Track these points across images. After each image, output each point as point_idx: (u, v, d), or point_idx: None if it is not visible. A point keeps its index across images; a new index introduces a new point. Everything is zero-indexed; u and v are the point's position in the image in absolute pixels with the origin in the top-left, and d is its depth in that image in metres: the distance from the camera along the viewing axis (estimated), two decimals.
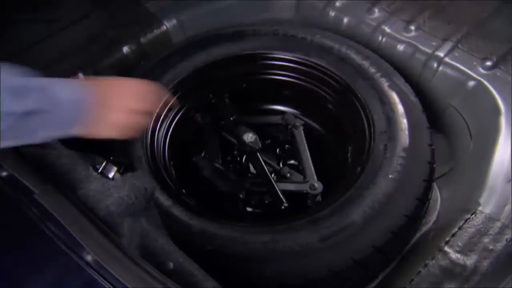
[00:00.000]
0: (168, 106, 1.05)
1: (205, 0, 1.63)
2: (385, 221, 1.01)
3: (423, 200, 1.08)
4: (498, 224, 1.04)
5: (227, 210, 1.25)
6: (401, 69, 1.34)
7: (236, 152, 1.35)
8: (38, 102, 0.72)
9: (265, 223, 1.03)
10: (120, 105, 0.83)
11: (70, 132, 0.78)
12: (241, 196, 1.22)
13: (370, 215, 0.99)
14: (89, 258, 0.70)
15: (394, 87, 1.23)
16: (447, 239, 1.04)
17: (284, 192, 1.16)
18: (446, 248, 1.03)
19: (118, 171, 0.86)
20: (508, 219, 1.05)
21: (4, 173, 0.80)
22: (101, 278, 0.68)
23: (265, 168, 1.21)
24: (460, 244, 1.03)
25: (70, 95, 0.77)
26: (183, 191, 1.18)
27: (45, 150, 0.87)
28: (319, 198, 1.18)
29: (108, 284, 0.68)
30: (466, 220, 1.07)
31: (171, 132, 1.28)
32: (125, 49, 1.47)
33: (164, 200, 1.02)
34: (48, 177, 0.81)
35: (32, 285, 0.81)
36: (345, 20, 1.53)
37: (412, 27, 1.42)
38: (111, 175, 0.85)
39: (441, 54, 1.34)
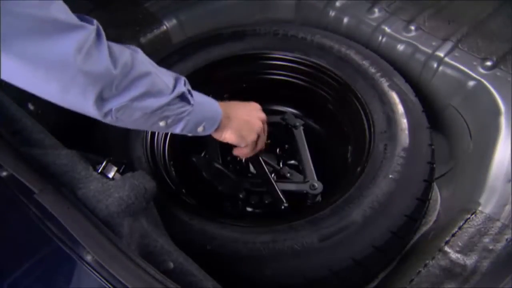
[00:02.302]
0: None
1: (205, 0, 1.63)
2: (385, 221, 1.00)
3: (423, 200, 1.08)
4: (498, 224, 1.04)
5: (227, 210, 1.25)
6: (401, 69, 1.34)
7: None
8: (187, 91, 0.85)
9: (265, 223, 1.03)
10: (238, 119, 1.01)
11: (200, 130, 0.91)
12: (241, 196, 1.22)
13: (370, 215, 0.99)
14: (89, 258, 0.70)
15: (394, 87, 1.23)
16: (447, 239, 1.04)
17: (284, 192, 1.16)
18: (446, 248, 1.03)
19: (118, 171, 0.86)
20: (508, 219, 1.05)
21: (4, 173, 0.80)
22: (101, 278, 0.68)
23: (265, 168, 1.21)
24: (460, 244, 1.03)
25: (205, 99, 0.92)
26: (183, 191, 1.18)
27: (45, 150, 0.87)
28: (319, 198, 1.18)
29: (108, 284, 0.68)
30: (466, 220, 1.06)
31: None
32: None
33: (164, 200, 1.02)
34: (48, 177, 0.81)
35: (32, 284, 0.81)
36: (345, 20, 1.53)
37: (412, 27, 1.42)
38: (111, 175, 0.85)
39: (441, 54, 1.34)
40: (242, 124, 1.02)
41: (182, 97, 0.85)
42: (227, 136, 1.01)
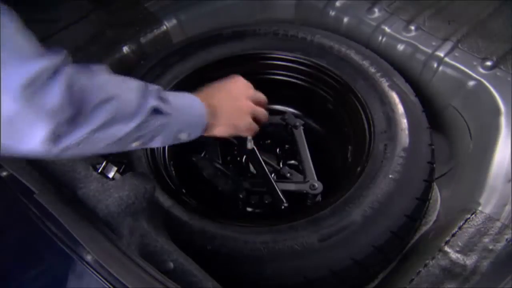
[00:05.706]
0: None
1: (205, 0, 1.63)
2: (385, 221, 1.00)
3: (423, 200, 1.08)
4: (498, 224, 1.04)
5: (227, 210, 1.25)
6: (401, 69, 1.34)
7: (236, 152, 1.35)
8: (161, 102, 0.77)
9: (265, 223, 1.03)
10: (225, 110, 0.93)
11: (184, 137, 0.86)
12: (241, 196, 1.22)
13: (370, 215, 0.99)
14: (89, 258, 0.70)
15: (394, 87, 1.23)
16: (447, 239, 1.04)
17: (284, 192, 1.16)
18: (446, 248, 1.03)
19: (118, 171, 0.86)
20: (508, 219, 1.05)
21: (4, 173, 0.80)
22: (101, 278, 0.68)
23: (265, 168, 1.21)
24: (460, 244, 1.03)
25: (185, 102, 0.85)
26: (183, 191, 1.18)
27: None
28: (319, 198, 1.18)
29: (108, 284, 0.68)
30: (466, 220, 1.06)
31: None
32: (125, 49, 1.47)
33: (164, 200, 1.02)
34: (48, 177, 0.81)
35: (32, 284, 0.81)
36: (345, 20, 1.53)
37: (412, 27, 1.42)
38: (111, 175, 0.85)
39: (441, 54, 1.34)
40: (230, 113, 0.95)
41: (156, 111, 0.76)
42: (218, 134, 0.95)
